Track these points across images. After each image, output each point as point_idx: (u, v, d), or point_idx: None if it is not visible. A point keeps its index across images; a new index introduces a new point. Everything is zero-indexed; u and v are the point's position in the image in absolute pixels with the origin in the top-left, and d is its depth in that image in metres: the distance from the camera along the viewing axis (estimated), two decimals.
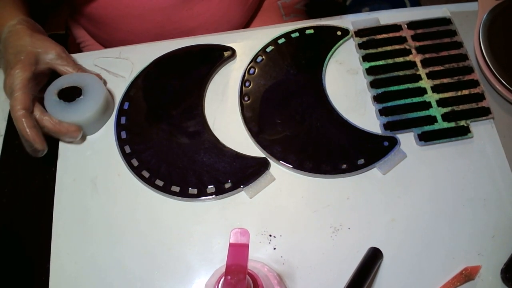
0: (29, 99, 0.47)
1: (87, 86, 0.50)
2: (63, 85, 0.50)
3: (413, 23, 0.57)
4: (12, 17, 0.50)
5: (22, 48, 0.48)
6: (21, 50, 0.48)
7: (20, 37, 0.49)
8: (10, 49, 0.48)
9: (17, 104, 0.46)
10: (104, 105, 0.51)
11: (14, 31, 0.49)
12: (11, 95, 0.46)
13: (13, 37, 0.49)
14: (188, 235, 0.47)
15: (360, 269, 0.42)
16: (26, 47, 0.48)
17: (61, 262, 0.46)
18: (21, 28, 0.49)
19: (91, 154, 0.51)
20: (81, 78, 0.51)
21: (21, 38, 0.48)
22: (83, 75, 0.51)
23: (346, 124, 0.51)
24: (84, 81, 0.51)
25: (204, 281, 0.44)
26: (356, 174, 0.49)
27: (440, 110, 0.52)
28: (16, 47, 0.48)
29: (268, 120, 0.52)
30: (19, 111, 0.45)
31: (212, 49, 0.57)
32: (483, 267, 0.44)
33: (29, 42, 0.48)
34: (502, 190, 0.48)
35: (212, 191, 0.48)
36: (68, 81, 0.50)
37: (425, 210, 0.47)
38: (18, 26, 0.49)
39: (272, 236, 0.46)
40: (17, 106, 0.45)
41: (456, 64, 0.55)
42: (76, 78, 0.51)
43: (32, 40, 0.49)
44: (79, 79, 0.51)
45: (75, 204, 0.49)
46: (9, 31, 0.49)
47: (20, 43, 0.48)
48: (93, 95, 0.50)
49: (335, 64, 0.56)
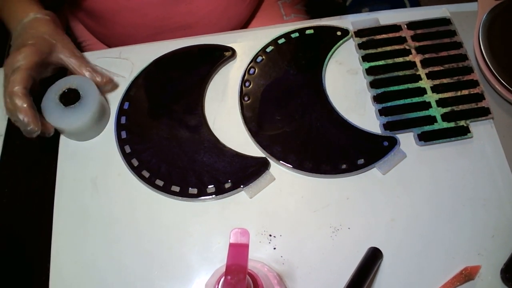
0: (31, 81, 0.46)
1: (84, 92, 0.50)
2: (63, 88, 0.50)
3: (413, 24, 0.57)
4: (39, 8, 0.51)
5: (41, 33, 0.49)
6: (39, 35, 0.48)
7: (43, 24, 0.50)
8: (30, 30, 0.49)
9: (18, 80, 0.45)
10: (99, 113, 0.51)
11: (40, 18, 0.50)
12: (15, 72, 0.45)
13: (37, 23, 0.50)
14: (188, 235, 0.47)
15: (360, 269, 0.42)
16: (45, 34, 0.49)
17: (61, 262, 0.46)
18: (47, 18, 0.51)
19: (91, 154, 0.51)
20: (81, 83, 0.50)
21: (44, 26, 0.50)
22: (81, 79, 0.51)
23: (346, 124, 0.51)
24: (82, 87, 0.50)
25: (204, 281, 0.44)
26: (356, 174, 0.49)
27: (440, 110, 0.52)
28: (36, 30, 0.49)
29: (268, 120, 0.52)
30: (17, 86, 0.44)
31: (212, 49, 0.57)
32: (483, 267, 0.44)
33: (50, 32, 0.49)
34: (502, 190, 0.48)
35: (212, 191, 0.48)
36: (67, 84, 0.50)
37: (425, 210, 0.47)
38: (46, 16, 0.51)
39: (272, 236, 0.46)
40: (18, 81, 0.44)
41: (455, 64, 0.55)
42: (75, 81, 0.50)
43: (53, 32, 0.50)
44: (78, 83, 0.50)
45: (75, 204, 0.49)
46: (35, 18, 0.50)
47: (41, 29, 0.49)
48: (88, 102, 0.49)
49: (335, 64, 0.56)
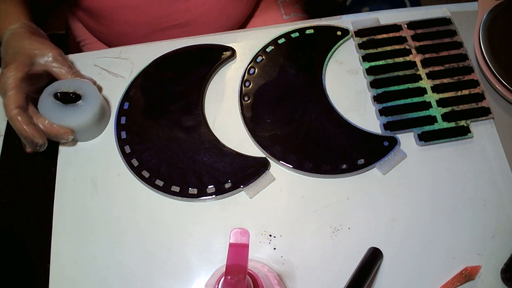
0: (23, 97, 0.47)
1: (84, 94, 0.50)
2: (60, 89, 0.50)
3: (413, 23, 0.57)
4: (15, 21, 0.51)
5: (19, 49, 0.49)
6: (18, 51, 0.48)
7: (20, 39, 0.50)
8: (9, 50, 0.49)
9: (10, 103, 0.46)
10: (99, 114, 0.51)
11: (16, 34, 0.50)
12: (5, 95, 0.46)
13: (14, 39, 0.50)
14: (188, 235, 0.47)
15: (360, 269, 0.42)
16: (24, 48, 0.49)
17: (61, 262, 0.46)
18: (22, 31, 0.50)
19: (91, 154, 0.51)
20: (79, 85, 0.50)
21: (21, 40, 0.50)
22: (80, 82, 0.51)
23: (346, 124, 0.51)
24: (81, 88, 0.50)
25: (204, 281, 0.44)
26: (356, 174, 0.49)
27: (440, 110, 0.52)
28: (14, 48, 0.49)
29: (268, 120, 0.52)
30: (13, 110, 0.46)
31: (212, 49, 0.57)
32: (483, 267, 0.44)
33: (27, 44, 0.49)
34: (502, 190, 0.48)
35: (212, 191, 0.48)
36: (66, 86, 0.50)
37: (425, 210, 0.47)
38: (20, 29, 0.50)
39: (272, 236, 0.46)
40: (11, 105, 0.46)
41: (456, 64, 0.55)
42: (73, 84, 0.50)
43: (30, 42, 0.49)
44: (76, 85, 0.50)
45: (75, 204, 0.49)
46: (11, 34, 0.50)
47: (19, 44, 0.49)
48: (89, 104, 0.50)
49: (335, 64, 0.56)
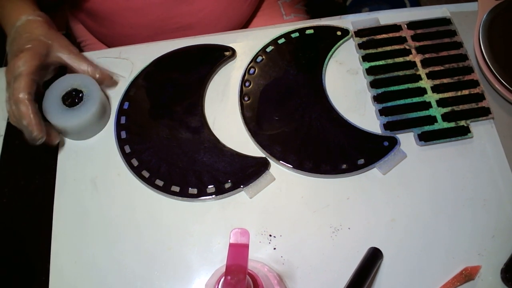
0: (34, 86, 0.46)
1: (86, 91, 0.50)
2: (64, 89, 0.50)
3: (413, 23, 0.57)
4: (32, 10, 0.51)
5: (36, 36, 0.48)
6: (35, 38, 0.48)
7: (37, 26, 0.49)
8: (25, 34, 0.48)
9: (22, 86, 0.45)
10: (101, 112, 0.51)
11: (33, 20, 0.50)
12: (17, 78, 0.45)
13: (30, 26, 0.49)
14: (188, 235, 0.47)
15: (360, 269, 0.42)
16: (40, 36, 0.48)
17: (61, 262, 0.46)
18: (40, 20, 0.50)
19: (91, 154, 0.51)
20: (81, 82, 0.50)
21: (38, 28, 0.49)
22: (82, 78, 0.51)
23: (346, 124, 0.51)
24: (84, 85, 0.50)
25: (204, 281, 0.44)
26: (356, 174, 0.49)
27: (440, 110, 0.52)
28: (31, 34, 0.48)
29: (268, 120, 0.52)
30: (24, 94, 0.45)
31: (212, 49, 0.57)
32: (483, 267, 0.44)
33: (44, 33, 0.49)
34: (502, 190, 0.48)
35: (212, 191, 0.48)
36: (70, 83, 0.50)
37: (425, 210, 0.47)
38: (38, 18, 0.50)
39: (272, 236, 0.46)
40: (22, 89, 0.45)
41: (456, 64, 0.55)
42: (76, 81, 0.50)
43: (47, 32, 0.49)
44: (79, 82, 0.50)
45: (75, 204, 0.49)
46: (27, 20, 0.50)
47: (36, 31, 0.49)
48: (90, 101, 0.50)
49: (335, 64, 0.56)
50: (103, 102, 0.51)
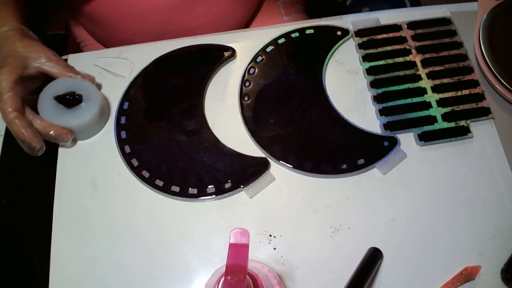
0: (19, 100, 0.46)
1: (85, 94, 0.50)
2: (60, 91, 0.50)
3: (413, 23, 0.57)
4: (5, 23, 0.50)
5: (11, 52, 0.48)
6: (10, 54, 0.48)
7: (11, 42, 0.49)
8: (3, 49, 0.48)
9: (7, 106, 0.45)
10: (100, 112, 0.51)
11: (5, 37, 0.49)
12: (0, 99, 0.46)
13: (4, 42, 0.49)
14: (188, 235, 0.47)
15: (360, 269, 0.42)
16: (15, 51, 0.48)
17: (61, 262, 0.46)
18: (12, 34, 0.49)
19: (91, 154, 0.51)
20: (78, 84, 0.50)
21: (12, 43, 0.49)
22: (79, 81, 0.51)
23: (346, 124, 0.51)
24: (81, 87, 0.50)
25: (204, 281, 0.44)
26: (356, 174, 0.49)
27: (440, 110, 0.52)
28: (5, 51, 0.48)
29: (268, 120, 0.52)
30: (10, 113, 0.45)
31: (212, 49, 0.57)
32: (483, 267, 0.44)
33: (19, 47, 0.48)
34: (502, 190, 0.48)
35: (212, 191, 0.48)
36: (66, 86, 0.50)
37: (425, 210, 0.47)
38: (10, 32, 0.49)
39: (272, 236, 0.46)
40: (8, 109, 0.45)
41: (456, 64, 0.55)
42: (72, 84, 0.50)
43: (22, 45, 0.49)
44: (76, 85, 0.50)
45: (75, 204, 0.49)
46: (0, 37, 0.49)
47: (10, 47, 0.48)
48: (89, 103, 0.50)
49: (335, 64, 0.56)
50: (103, 103, 0.51)
